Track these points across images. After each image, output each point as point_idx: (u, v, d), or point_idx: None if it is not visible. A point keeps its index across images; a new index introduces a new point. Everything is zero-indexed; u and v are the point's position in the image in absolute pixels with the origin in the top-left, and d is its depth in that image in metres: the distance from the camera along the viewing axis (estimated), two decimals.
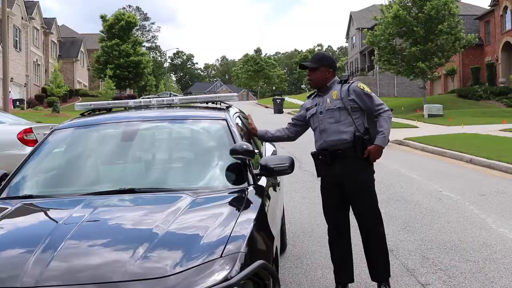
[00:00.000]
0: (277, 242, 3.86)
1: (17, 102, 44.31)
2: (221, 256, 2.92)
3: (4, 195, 4.36)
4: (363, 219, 5.46)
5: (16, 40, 48.47)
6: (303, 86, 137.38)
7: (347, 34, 77.78)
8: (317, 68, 5.32)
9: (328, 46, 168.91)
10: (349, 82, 5.37)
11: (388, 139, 5.39)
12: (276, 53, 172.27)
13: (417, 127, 29.48)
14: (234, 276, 2.78)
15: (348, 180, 5.32)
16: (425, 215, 8.82)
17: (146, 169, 4.72)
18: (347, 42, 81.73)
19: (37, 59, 57.12)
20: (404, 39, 41.80)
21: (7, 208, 3.91)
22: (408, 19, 40.19)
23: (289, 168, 4.37)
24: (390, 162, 15.52)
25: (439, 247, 7.00)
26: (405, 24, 40.64)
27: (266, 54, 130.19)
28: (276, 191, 5.10)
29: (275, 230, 4.09)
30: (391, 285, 5.51)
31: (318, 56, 5.48)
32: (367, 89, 5.35)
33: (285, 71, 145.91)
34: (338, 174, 5.32)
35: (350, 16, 73.87)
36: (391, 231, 7.82)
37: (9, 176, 4.56)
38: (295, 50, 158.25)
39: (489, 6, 52.28)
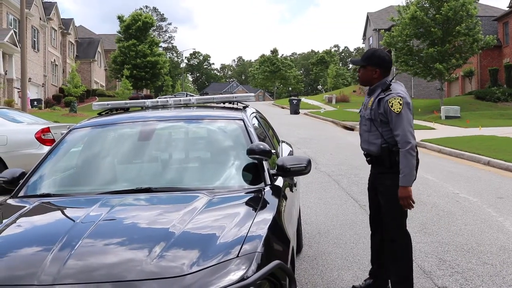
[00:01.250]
0: (293, 243, 3.85)
1: (35, 102, 44.61)
2: (237, 256, 2.91)
3: (22, 193, 4.39)
4: (384, 225, 5.30)
5: (34, 41, 48.82)
6: (319, 87, 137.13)
7: (364, 35, 77.50)
8: (364, 66, 5.17)
9: (345, 47, 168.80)
10: (388, 92, 5.02)
11: (414, 174, 5.05)
12: (293, 53, 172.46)
13: (434, 128, 29.30)
14: (250, 276, 2.77)
15: (378, 183, 5.30)
16: (442, 217, 8.76)
17: (163, 168, 4.73)
18: (364, 43, 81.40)
19: (54, 60, 57.49)
20: (422, 40, 41.55)
21: (25, 207, 3.94)
22: (426, 20, 39.95)
23: (306, 168, 4.36)
24: None
25: (456, 249, 6.95)
26: (422, 25, 40.41)
27: (282, 54, 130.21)
28: (292, 191, 5.09)
29: (292, 231, 4.07)
30: None
31: (368, 53, 5.22)
32: (396, 108, 4.92)
33: (301, 71, 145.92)
34: (372, 174, 5.39)
35: (367, 17, 73.62)
36: None
37: (27, 175, 4.59)
38: (312, 50, 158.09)
39: (507, 7, 51.84)
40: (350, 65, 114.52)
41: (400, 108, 4.94)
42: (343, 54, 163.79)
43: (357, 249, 6.99)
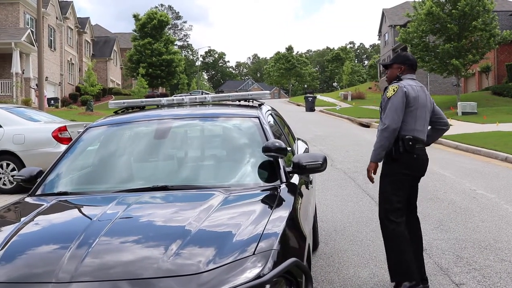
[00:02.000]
0: (309, 240, 3.85)
1: (52, 101, 44.89)
2: (253, 254, 2.91)
3: (39, 192, 4.43)
4: None
5: (51, 40, 49.10)
6: (335, 84, 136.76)
7: (380, 31, 77.18)
8: (391, 65, 5.57)
9: (360, 43, 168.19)
10: (394, 82, 5.45)
11: (382, 153, 5.34)
12: (308, 51, 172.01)
13: (451, 125, 28.94)
14: (266, 274, 2.77)
15: None
16: (459, 214, 8.72)
17: (179, 166, 4.74)
18: (379, 40, 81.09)
19: (71, 58, 57.80)
20: (438, 36, 41.26)
21: (42, 205, 3.98)
22: (442, 15, 39.65)
23: (322, 165, 4.35)
24: None
25: (473, 246, 6.91)
26: (438, 21, 40.12)
27: (297, 52, 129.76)
28: (308, 189, 5.09)
29: (308, 228, 4.07)
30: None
31: (395, 55, 5.77)
32: (389, 93, 5.32)
33: (316, 69, 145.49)
34: None
35: (383, 13, 73.29)
36: (425, 230, 7.73)
37: (44, 173, 4.63)
38: (327, 47, 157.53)
39: None
40: (366, 62, 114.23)
41: (392, 93, 5.29)
42: (358, 50, 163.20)
43: (373, 246, 6.98)
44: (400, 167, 5.33)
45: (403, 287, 5.21)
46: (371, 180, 5.47)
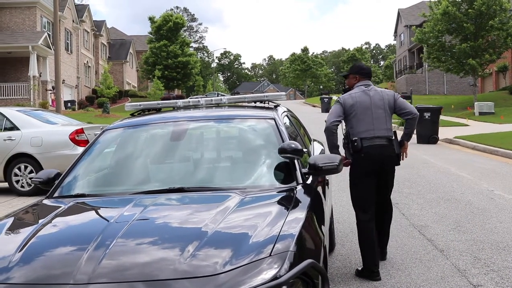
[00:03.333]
0: (326, 242, 3.85)
1: (69, 104, 45.20)
2: (270, 255, 2.91)
3: (57, 194, 4.46)
4: None
5: (68, 43, 49.40)
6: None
7: (395, 31, 76.87)
8: (347, 76, 6.52)
9: (376, 44, 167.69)
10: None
11: (332, 149, 6.13)
12: (323, 51, 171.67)
13: (467, 125, 28.93)
14: (283, 275, 2.76)
15: None
16: (476, 214, 8.66)
17: (195, 168, 4.75)
18: (395, 40, 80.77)
19: (87, 61, 58.13)
20: (454, 35, 41.05)
21: (60, 207, 4.00)
22: (458, 15, 39.43)
23: (338, 167, 4.34)
24: (440, 161, 15.31)
25: (491, 247, 6.86)
26: (454, 21, 39.90)
27: (313, 53, 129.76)
28: (324, 190, 5.08)
29: (324, 229, 4.07)
30: (442, 286, 5.46)
31: (351, 66, 6.70)
32: (332, 103, 6.62)
33: (332, 69, 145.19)
34: None
35: (398, 13, 72.97)
36: (441, 231, 7.71)
37: (62, 175, 4.66)
38: (342, 48, 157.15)
39: None
40: (381, 62, 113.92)
41: (333, 103, 6.40)
42: (374, 51, 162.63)
43: (389, 247, 6.94)
44: (354, 167, 6.14)
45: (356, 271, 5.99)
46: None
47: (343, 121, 6.17)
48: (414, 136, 20.49)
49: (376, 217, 6.12)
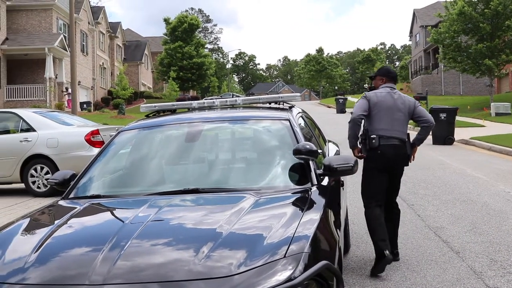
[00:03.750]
0: (340, 243, 3.83)
1: (84, 105, 45.43)
2: (284, 256, 2.91)
3: (72, 195, 4.48)
4: None
5: (83, 45, 49.67)
6: (365, 85, 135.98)
7: (411, 32, 76.52)
8: (375, 77, 6.82)
9: (391, 44, 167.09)
10: None
11: (351, 140, 6.46)
12: (338, 52, 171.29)
13: (484, 126, 28.72)
14: (297, 277, 2.76)
15: None
16: (492, 216, 8.60)
17: (210, 169, 4.76)
18: (410, 40, 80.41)
19: (103, 63, 58.41)
20: (470, 36, 40.79)
21: (76, 208, 4.02)
22: (474, 15, 39.18)
23: (353, 168, 4.32)
24: (456, 162, 15.22)
25: (507, 249, 6.81)
26: (470, 21, 39.65)
27: (328, 53, 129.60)
28: (339, 191, 5.06)
29: (339, 231, 4.05)
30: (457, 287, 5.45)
31: (379, 68, 7.00)
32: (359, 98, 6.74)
33: (347, 70, 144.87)
34: None
35: (414, 13, 72.65)
36: (457, 232, 7.66)
37: (77, 176, 4.68)
38: (357, 49, 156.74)
39: None
40: (397, 63, 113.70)
41: (359, 98, 6.64)
42: (389, 52, 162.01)
43: (405, 249, 6.92)
44: (368, 162, 6.39)
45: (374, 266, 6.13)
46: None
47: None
48: (430, 137, 20.41)
49: (384, 216, 6.37)
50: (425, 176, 12.69)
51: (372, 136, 6.29)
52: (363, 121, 6.38)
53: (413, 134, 6.64)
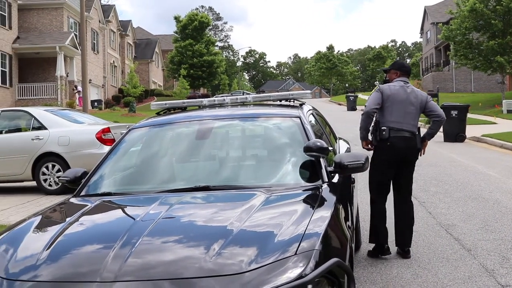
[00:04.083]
0: (351, 240, 3.82)
1: (95, 103, 45.58)
2: (295, 254, 2.90)
3: (84, 192, 4.49)
4: None
5: (94, 43, 49.82)
6: (376, 82, 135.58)
7: (422, 29, 76.19)
8: (389, 71, 6.95)
9: (402, 41, 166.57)
10: None
11: (363, 132, 6.71)
12: (349, 49, 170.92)
13: (495, 123, 28.55)
14: (308, 274, 2.76)
15: None
16: (504, 214, 8.55)
17: (221, 166, 4.76)
18: (421, 37, 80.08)
19: (113, 61, 58.57)
20: (481, 33, 40.53)
21: (87, 205, 4.04)
22: (486, 12, 38.92)
23: (364, 165, 4.31)
24: (467, 160, 15.14)
25: None
26: (482, 18, 39.41)
27: (338, 51, 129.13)
28: (350, 188, 5.05)
29: (350, 228, 4.04)
30: (470, 285, 5.40)
31: (393, 62, 7.21)
32: (373, 90, 6.93)
33: (358, 68, 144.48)
34: None
35: (425, 10, 72.31)
36: (469, 230, 7.63)
37: (88, 174, 4.69)
38: (368, 46, 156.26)
39: None
40: (408, 60, 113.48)
41: (373, 91, 6.83)
42: (400, 49, 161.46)
43: (416, 246, 6.89)
44: (378, 153, 6.55)
45: (372, 250, 6.64)
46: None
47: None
48: (441, 135, 20.32)
49: (396, 211, 6.72)
50: (437, 173, 12.64)
51: (382, 128, 6.49)
52: (375, 114, 6.57)
53: (423, 130, 6.63)
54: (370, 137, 6.68)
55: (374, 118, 6.61)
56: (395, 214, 6.73)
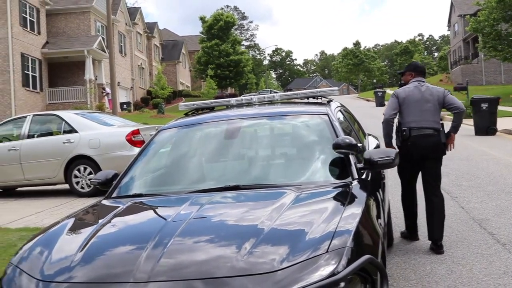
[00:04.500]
0: (384, 237, 3.79)
1: (124, 105, 45.95)
2: (327, 251, 2.89)
3: (115, 194, 4.54)
4: None
5: (121, 46, 50.22)
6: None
7: (449, 21, 75.33)
8: (404, 73, 7.23)
9: (429, 35, 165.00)
10: None
11: (386, 140, 7.00)
12: (376, 45, 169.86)
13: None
14: (340, 271, 2.74)
15: None
16: None
17: (250, 165, 4.76)
18: (449, 30, 79.18)
19: (141, 63, 58.99)
20: (510, 23, 39.95)
21: (118, 207, 4.07)
22: None
23: (394, 161, 4.29)
24: (499, 153, 14.94)
25: None
26: (510, 8, 38.85)
27: (365, 46, 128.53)
28: (381, 184, 5.02)
29: (382, 224, 4.01)
30: (505, 280, 5.35)
31: (408, 64, 7.40)
32: (388, 95, 7.45)
33: (385, 63, 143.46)
34: None
35: (451, 2, 71.48)
36: (503, 224, 7.53)
37: (119, 176, 4.74)
38: (395, 41, 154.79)
39: None
40: (435, 54, 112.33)
41: (390, 97, 7.07)
42: (427, 43, 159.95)
43: (450, 242, 6.82)
44: (402, 153, 6.30)
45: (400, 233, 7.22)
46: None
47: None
48: (472, 128, 20.08)
49: (427, 206, 6.87)
50: (468, 167, 12.49)
51: (403, 129, 6.77)
52: (395, 119, 6.89)
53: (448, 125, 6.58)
54: (394, 143, 6.96)
55: (396, 121, 6.90)
56: (426, 209, 6.80)
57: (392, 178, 10.09)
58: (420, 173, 6.97)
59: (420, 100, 6.74)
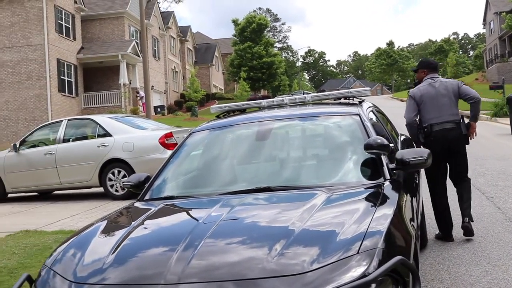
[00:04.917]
0: (416, 238, 3.75)
1: (158, 109, 46.32)
2: (357, 253, 2.87)
3: (147, 197, 4.58)
4: None
5: (155, 50, 50.66)
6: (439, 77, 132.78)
7: (484, 19, 74.30)
8: (417, 71, 7.49)
9: (464, 33, 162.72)
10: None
11: (414, 139, 7.21)
12: (409, 44, 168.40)
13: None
14: (372, 273, 2.72)
15: None
16: None
17: (281, 167, 4.75)
18: (484, 28, 78.07)
19: (174, 67, 59.39)
20: None
21: (150, 209, 4.10)
22: None
23: (426, 161, 4.24)
24: None
25: None
26: None
27: (399, 46, 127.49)
28: (414, 185, 4.97)
29: (414, 225, 3.97)
30: None
31: (420, 61, 7.63)
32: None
33: None
34: None
35: (487, 0, 70.52)
36: None
37: (151, 178, 4.78)
38: (429, 40, 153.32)
39: None
40: (471, 52, 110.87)
41: (407, 99, 7.29)
42: (462, 41, 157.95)
43: (485, 242, 6.72)
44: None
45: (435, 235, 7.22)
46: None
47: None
48: (508, 127, 19.77)
49: (457, 192, 7.18)
50: (504, 167, 12.29)
51: (424, 126, 6.98)
52: (417, 120, 7.07)
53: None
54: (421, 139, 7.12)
55: (417, 120, 7.09)
56: (458, 195, 7.19)
57: (425, 178, 9.99)
58: (447, 168, 7.16)
59: (435, 96, 6.95)
